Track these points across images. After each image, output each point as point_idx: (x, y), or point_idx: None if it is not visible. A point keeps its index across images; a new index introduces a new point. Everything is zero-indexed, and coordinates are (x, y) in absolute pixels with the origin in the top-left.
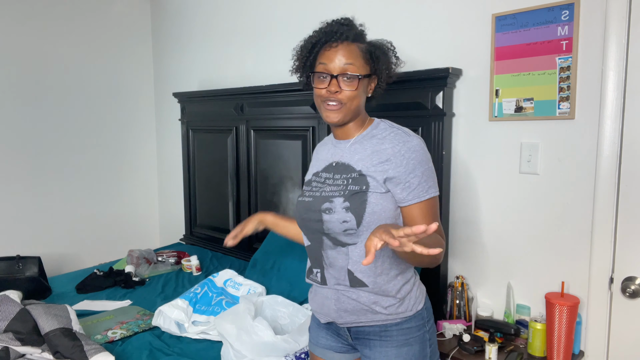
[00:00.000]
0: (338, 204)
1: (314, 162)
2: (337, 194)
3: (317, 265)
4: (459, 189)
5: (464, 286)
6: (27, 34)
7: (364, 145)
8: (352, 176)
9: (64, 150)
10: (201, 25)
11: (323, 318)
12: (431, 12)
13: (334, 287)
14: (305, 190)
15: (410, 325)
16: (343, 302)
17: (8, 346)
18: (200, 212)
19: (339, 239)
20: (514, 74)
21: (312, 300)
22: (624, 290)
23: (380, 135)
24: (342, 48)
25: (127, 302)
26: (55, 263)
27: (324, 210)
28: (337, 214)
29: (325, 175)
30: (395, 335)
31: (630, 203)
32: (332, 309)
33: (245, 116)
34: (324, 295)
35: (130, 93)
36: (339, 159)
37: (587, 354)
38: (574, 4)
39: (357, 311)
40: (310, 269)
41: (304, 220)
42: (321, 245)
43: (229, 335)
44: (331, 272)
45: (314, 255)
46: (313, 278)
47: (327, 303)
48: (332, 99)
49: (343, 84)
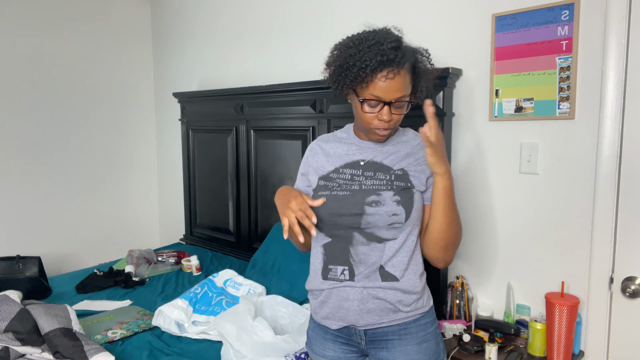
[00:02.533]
0: (388, 197)
1: (325, 158)
2: (384, 187)
3: (342, 263)
4: (459, 189)
5: (464, 286)
6: (27, 35)
7: (397, 148)
8: (396, 173)
9: (64, 150)
10: (201, 25)
11: (336, 324)
12: (431, 12)
13: (361, 284)
14: (329, 184)
15: (427, 320)
16: (367, 302)
17: (8, 346)
18: (200, 212)
19: (377, 233)
20: (514, 74)
21: (323, 305)
22: (624, 290)
23: (413, 142)
24: (399, 78)
25: (127, 302)
26: (55, 263)
27: (370, 202)
28: (387, 207)
29: (351, 171)
30: (415, 332)
31: (630, 203)
32: (354, 311)
33: (245, 116)
34: (343, 297)
35: (130, 93)
36: (368, 158)
37: (587, 354)
38: (574, 4)
39: (380, 311)
40: (326, 268)
41: (333, 215)
42: (349, 241)
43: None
44: (361, 269)
45: (339, 252)
46: (335, 277)
47: (346, 305)
48: (384, 127)
49: (394, 110)
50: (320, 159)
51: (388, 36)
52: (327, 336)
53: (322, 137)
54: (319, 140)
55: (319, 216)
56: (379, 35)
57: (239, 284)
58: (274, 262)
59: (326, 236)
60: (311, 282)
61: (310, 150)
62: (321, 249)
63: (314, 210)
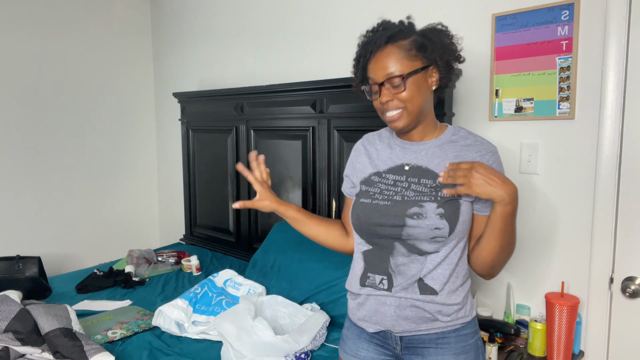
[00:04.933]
0: (430, 210)
1: (368, 159)
2: (427, 198)
3: (381, 272)
4: None
5: None
6: (27, 34)
7: (444, 150)
8: (440, 183)
9: (64, 150)
10: (201, 25)
11: (372, 327)
12: (431, 12)
13: (399, 295)
14: (370, 190)
15: (467, 331)
16: (405, 309)
17: (8, 346)
18: (200, 212)
19: (419, 246)
20: (514, 74)
21: (360, 307)
22: (624, 290)
23: (464, 142)
24: (382, 56)
25: (127, 302)
26: (55, 263)
27: (412, 215)
28: (429, 220)
29: (394, 177)
30: (454, 342)
31: (630, 203)
32: (390, 317)
33: (245, 116)
34: (380, 301)
35: (130, 93)
36: (413, 161)
37: (587, 354)
38: (574, 4)
39: (418, 319)
40: (365, 275)
41: (374, 224)
42: (390, 251)
43: (229, 335)
44: (399, 280)
45: (378, 260)
46: (374, 285)
47: (383, 310)
48: (388, 109)
49: (392, 90)
50: (363, 161)
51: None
52: (362, 336)
53: (367, 137)
54: (363, 140)
55: (360, 221)
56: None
57: (239, 284)
58: (274, 262)
59: (367, 243)
60: (350, 284)
61: (354, 151)
62: (361, 255)
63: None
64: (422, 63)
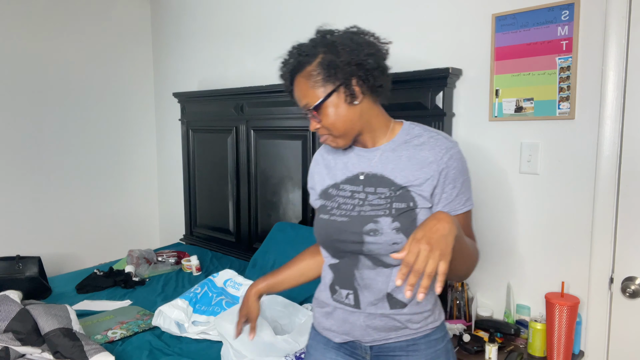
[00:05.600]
0: (386, 225)
1: (325, 170)
2: (382, 212)
3: (347, 286)
4: None
5: (464, 286)
6: (27, 35)
7: (397, 153)
8: (395, 192)
9: (64, 150)
10: (201, 25)
11: (340, 337)
12: (431, 12)
13: (368, 311)
14: (328, 205)
15: (437, 336)
16: (374, 319)
17: (8, 346)
18: (200, 212)
19: (382, 259)
20: (514, 74)
21: (327, 317)
22: (624, 290)
23: (417, 141)
24: (295, 88)
25: (127, 302)
26: (55, 263)
27: (368, 232)
28: (386, 236)
29: (351, 188)
30: (424, 349)
31: (630, 203)
32: (359, 327)
33: (245, 116)
34: (349, 311)
35: (130, 93)
36: (368, 169)
37: (587, 354)
38: (574, 4)
39: (388, 328)
40: (333, 286)
41: (334, 241)
42: (355, 264)
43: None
44: (367, 295)
45: (345, 274)
46: (340, 300)
47: (352, 320)
48: (320, 134)
49: (313, 119)
50: (320, 172)
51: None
52: (329, 345)
53: (325, 145)
54: (322, 150)
55: (321, 237)
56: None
57: (239, 284)
58: (274, 262)
59: (333, 257)
60: (320, 292)
61: (313, 162)
62: (329, 268)
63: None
64: (333, 85)
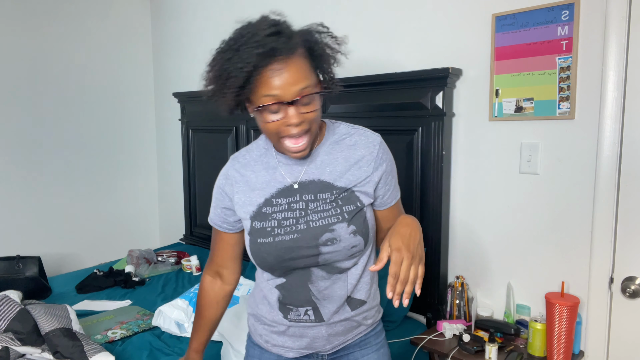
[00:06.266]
0: (343, 231)
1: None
2: (335, 219)
3: (303, 303)
4: (458, 189)
5: (464, 286)
6: (27, 34)
7: (332, 155)
8: (339, 195)
9: (64, 150)
10: (201, 25)
11: (294, 352)
12: (431, 12)
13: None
14: (267, 226)
15: (380, 327)
16: (336, 326)
17: (8, 346)
18: (200, 212)
19: (338, 265)
20: (514, 74)
21: (280, 335)
22: (624, 290)
23: (349, 141)
24: (289, 68)
25: (127, 302)
26: (55, 263)
27: (325, 242)
28: (345, 242)
29: (287, 200)
30: (373, 340)
31: (630, 203)
32: (321, 338)
33: (245, 116)
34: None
35: (130, 93)
36: (301, 178)
37: (587, 354)
38: (574, 4)
39: (347, 330)
40: (284, 306)
41: (285, 261)
42: (308, 278)
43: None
44: (327, 305)
45: (297, 292)
46: (299, 318)
47: (312, 333)
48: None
49: (303, 108)
50: (243, 190)
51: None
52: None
53: (235, 159)
54: (234, 165)
55: (267, 262)
56: (253, 27)
57: (239, 284)
58: None
59: (279, 277)
60: (265, 312)
61: (226, 179)
62: (275, 290)
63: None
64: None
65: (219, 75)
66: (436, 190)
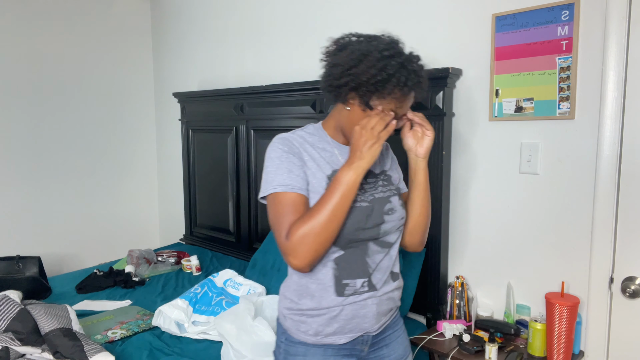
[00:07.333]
0: (396, 203)
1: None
2: (390, 193)
3: (361, 275)
4: (459, 189)
5: (464, 286)
6: (27, 34)
7: None
8: (384, 176)
9: (64, 150)
10: (201, 25)
11: (345, 337)
12: (431, 12)
13: (382, 291)
14: None
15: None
16: (383, 304)
17: (8, 346)
18: (200, 212)
19: (388, 239)
20: (514, 74)
21: (331, 322)
22: (624, 290)
23: None
24: (410, 100)
25: (127, 302)
26: (55, 263)
27: (387, 211)
28: (398, 212)
29: None
30: (399, 322)
31: (630, 203)
32: (371, 317)
33: (245, 116)
34: (360, 306)
35: (130, 93)
36: None
37: (587, 354)
38: (574, 4)
39: (390, 310)
40: (340, 282)
41: (357, 229)
42: (365, 252)
43: (229, 335)
44: (378, 276)
45: (353, 264)
46: (355, 291)
47: (363, 312)
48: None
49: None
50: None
51: (417, 57)
52: (327, 354)
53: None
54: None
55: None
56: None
57: (239, 284)
58: (274, 262)
59: (340, 249)
60: (312, 303)
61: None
62: (332, 263)
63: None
64: None
65: (354, 69)
66: (436, 190)
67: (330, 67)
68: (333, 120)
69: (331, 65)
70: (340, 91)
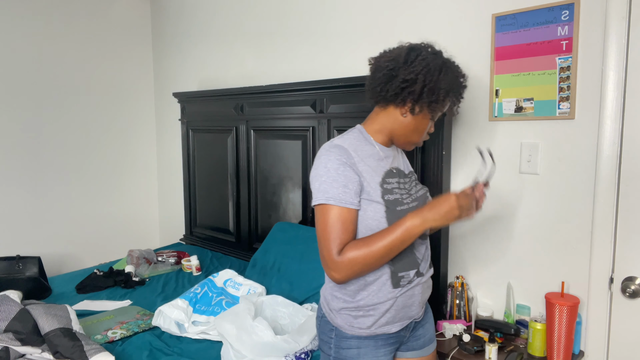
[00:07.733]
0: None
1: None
2: (423, 190)
3: (413, 266)
4: (458, 189)
5: (464, 286)
6: (27, 34)
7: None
8: (411, 176)
9: (64, 150)
10: (201, 25)
11: (397, 326)
12: (431, 12)
13: (426, 278)
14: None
15: None
16: (424, 292)
17: (8, 346)
18: (200, 212)
19: (426, 232)
20: (514, 74)
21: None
22: (624, 290)
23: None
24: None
25: (127, 302)
26: (55, 263)
27: None
28: None
29: (393, 180)
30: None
31: (630, 203)
32: (417, 304)
33: (245, 116)
34: (409, 295)
35: (130, 93)
36: (395, 165)
37: (587, 354)
38: (574, 4)
39: (425, 297)
40: (396, 276)
41: None
42: (413, 245)
43: (229, 335)
44: (423, 265)
45: (405, 258)
46: (408, 281)
47: (411, 301)
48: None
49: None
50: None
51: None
52: (378, 345)
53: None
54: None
55: None
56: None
57: (239, 284)
58: (274, 262)
59: None
60: (374, 297)
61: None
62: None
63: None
64: None
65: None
66: (436, 190)
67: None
68: (378, 124)
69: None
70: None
